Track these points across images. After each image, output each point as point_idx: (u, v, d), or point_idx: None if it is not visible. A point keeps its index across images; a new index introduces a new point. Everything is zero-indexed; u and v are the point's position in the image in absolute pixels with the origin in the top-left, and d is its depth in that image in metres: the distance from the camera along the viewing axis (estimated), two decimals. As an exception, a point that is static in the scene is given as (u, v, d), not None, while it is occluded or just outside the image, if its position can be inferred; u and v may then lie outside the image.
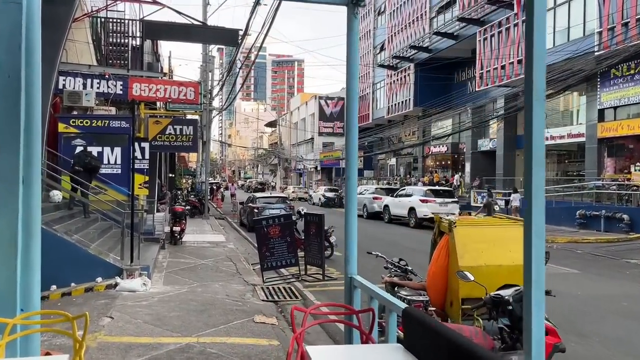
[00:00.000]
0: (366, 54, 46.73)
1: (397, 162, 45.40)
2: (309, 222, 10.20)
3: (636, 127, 21.36)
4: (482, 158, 33.21)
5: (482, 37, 28.03)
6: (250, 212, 18.52)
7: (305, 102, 56.74)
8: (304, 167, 56.29)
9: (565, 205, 20.22)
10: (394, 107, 39.82)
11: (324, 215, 9.93)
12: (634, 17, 18.38)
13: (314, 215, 10.10)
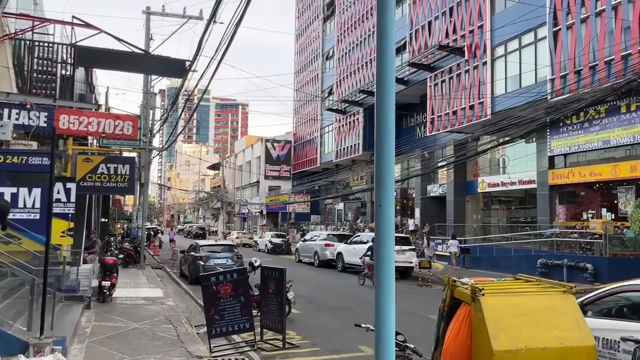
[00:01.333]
0: (314, 98, 46.32)
1: (345, 207, 44.47)
2: (266, 277, 8.67)
3: (587, 175, 21.37)
4: (431, 203, 32.80)
5: (432, 83, 27.97)
6: (193, 262, 16.65)
7: (250, 145, 55.38)
8: (248, 211, 54.35)
9: (525, 253, 19.61)
10: (343, 151, 39.17)
11: (285, 270, 8.43)
12: (587, 65, 18.50)
13: (273, 270, 8.58)
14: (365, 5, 36.83)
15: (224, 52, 8.63)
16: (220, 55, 9.21)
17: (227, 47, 8.53)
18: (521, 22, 21.37)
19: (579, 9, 18.84)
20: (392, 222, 2.45)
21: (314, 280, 18.24)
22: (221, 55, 9.12)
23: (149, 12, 26.28)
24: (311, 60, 47.60)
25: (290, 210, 46.80)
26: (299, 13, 51.87)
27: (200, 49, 9.76)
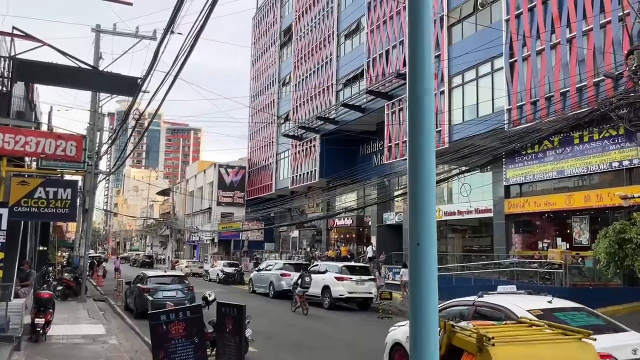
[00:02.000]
0: (269, 124, 45.76)
1: (300, 235, 43.65)
2: (224, 315, 7.80)
3: (542, 204, 21.57)
4: (387, 232, 32.52)
5: (390, 111, 27.97)
6: (139, 295, 15.40)
7: (203, 170, 53.95)
8: (199, 238, 52.56)
9: (484, 283, 19.34)
10: (299, 177, 38.58)
11: (245, 307, 7.60)
12: (542, 97, 18.78)
13: (231, 307, 7.73)
14: (322, 33, 36.89)
15: (183, 63, 7.89)
16: (176, 69, 8.46)
17: (186, 58, 7.81)
18: (478, 52, 21.66)
19: (535, 41, 19.21)
20: (435, 267, 1.81)
21: (270, 313, 17.29)
22: (178, 68, 8.38)
23: (99, 30, 25.12)
24: (267, 86, 47.18)
25: (244, 238, 45.53)
26: (255, 39, 51.61)
27: (156, 60, 8.98)
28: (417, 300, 1.79)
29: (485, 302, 7.63)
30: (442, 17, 24.47)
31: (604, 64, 16.58)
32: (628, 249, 10.18)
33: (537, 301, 7.58)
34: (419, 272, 1.78)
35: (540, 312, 6.71)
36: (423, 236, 1.77)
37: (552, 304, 7.24)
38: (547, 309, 6.97)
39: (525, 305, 7.05)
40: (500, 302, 7.46)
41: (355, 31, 33.13)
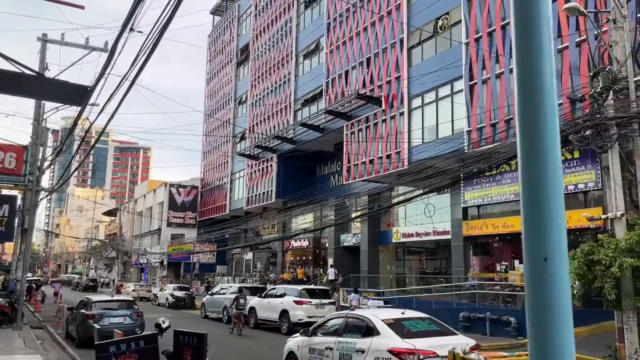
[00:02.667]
0: (224, 143, 44.81)
1: (254, 257, 42.55)
2: (182, 344, 6.98)
3: (500, 226, 21.67)
4: (345, 253, 32.06)
5: (349, 131, 27.75)
6: (83, 322, 14.15)
7: (153, 190, 52.09)
8: (147, 261, 50.43)
9: (446, 306, 19.10)
10: (255, 198, 37.71)
11: (206, 336, 6.83)
12: (502, 119, 18.96)
13: (191, 335, 6.93)
14: (280, 52, 36.61)
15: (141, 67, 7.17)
16: (133, 73, 7.73)
17: (145, 62, 7.10)
18: (438, 74, 21.79)
19: (494, 64, 19.47)
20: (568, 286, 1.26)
21: (225, 341, 16.29)
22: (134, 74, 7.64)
23: (46, 40, 23.80)
24: (222, 105, 46.35)
25: (195, 260, 43.96)
26: (211, 56, 50.84)
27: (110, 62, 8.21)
28: (546, 328, 1.24)
29: (354, 314, 9.82)
30: (401, 39, 24.61)
31: (562, 87, 16.88)
32: (597, 270, 10.04)
33: (392, 313, 9.99)
34: (548, 293, 1.24)
35: (392, 321, 8.71)
36: (552, 249, 1.22)
37: (404, 314, 9.36)
38: (397, 318, 8.99)
39: (381, 316, 9.02)
40: (363, 314, 9.55)
41: (314, 51, 33.00)
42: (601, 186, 17.99)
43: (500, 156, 17.78)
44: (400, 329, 8.47)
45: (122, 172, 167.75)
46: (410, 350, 7.69)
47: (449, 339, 8.21)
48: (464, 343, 7.92)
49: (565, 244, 1.31)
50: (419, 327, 8.78)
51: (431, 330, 8.76)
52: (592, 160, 18.35)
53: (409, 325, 8.69)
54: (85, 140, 24.62)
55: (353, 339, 8.81)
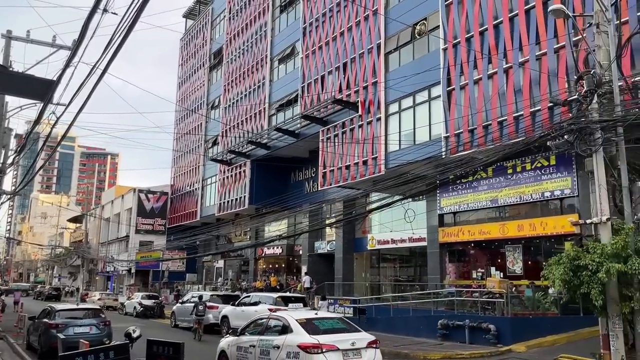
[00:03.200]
0: (196, 148, 43.94)
1: (225, 265, 41.67)
2: (155, 355, 6.42)
3: (477, 233, 21.59)
4: (319, 261, 31.63)
5: (325, 137, 27.41)
6: (45, 331, 13.31)
7: (121, 196, 50.65)
8: (114, 269, 48.90)
9: (423, 313, 18.81)
10: (227, 204, 36.95)
11: (182, 345, 6.28)
12: (480, 125, 18.90)
13: (166, 345, 6.37)
14: (255, 57, 36.12)
15: (119, 45, 6.61)
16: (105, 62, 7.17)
17: (123, 40, 6.56)
18: (415, 80, 21.68)
19: (472, 70, 19.43)
20: None
21: (196, 350, 15.60)
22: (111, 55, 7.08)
23: (10, 37, 22.75)
24: (194, 109, 45.49)
25: (164, 268, 42.79)
26: (183, 60, 49.95)
27: (79, 46, 7.61)
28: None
29: (274, 315, 10.87)
30: (378, 44, 24.46)
31: (540, 93, 16.91)
32: (584, 276, 9.84)
33: (307, 314, 11.07)
34: None
35: (305, 320, 10.00)
36: None
37: (316, 315, 10.84)
38: (310, 318, 10.27)
39: (296, 316, 10.26)
40: (281, 315, 10.69)
41: (289, 56, 32.63)
42: (577, 193, 18.09)
43: (478, 162, 17.68)
44: (311, 327, 9.75)
45: (89, 178, 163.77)
46: (315, 344, 9.09)
47: (350, 335, 9.74)
48: (363, 339, 9.70)
49: None
50: (327, 325, 10.11)
51: (337, 328, 10.09)
52: (568, 167, 18.43)
53: (318, 324, 10.01)
54: (50, 145, 23.58)
55: (272, 336, 10.06)
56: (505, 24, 18.49)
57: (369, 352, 9.53)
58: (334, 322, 10.45)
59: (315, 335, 9.35)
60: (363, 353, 9.41)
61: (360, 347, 9.47)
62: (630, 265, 9.41)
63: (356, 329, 10.34)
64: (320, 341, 9.14)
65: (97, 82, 8.65)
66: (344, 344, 9.26)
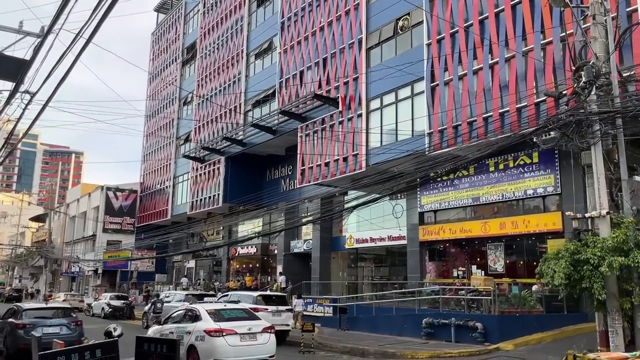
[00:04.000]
0: (167, 145, 42.75)
1: (197, 265, 40.63)
2: (146, 354, 5.76)
3: (458, 231, 21.41)
4: (295, 260, 31.04)
5: (303, 133, 26.86)
6: (11, 332, 12.36)
7: (87, 194, 48.87)
8: (79, 269, 47.14)
9: (407, 312, 18.45)
10: (200, 202, 35.97)
11: (178, 343, 5.65)
12: (465, 121, 18.68)
13: (158, 343, 5.72)
14: (230, 52, 35.31)
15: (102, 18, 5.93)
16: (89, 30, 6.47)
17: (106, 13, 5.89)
18: (398, 76, 21.37)
19: (457, 65, 19.21)
20: None
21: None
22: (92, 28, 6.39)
23: (-27, 21, 21.50)
24: (166, 105, 44.28)
25: (133, 268, 41.42)
26: (155, 55, 48.62)
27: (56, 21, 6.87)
28: None
29: (190, 307, 12.86)
30: (360, 39, 24.08)
31: (526, 88, 16.78)
32: (585, 270, 9.60)
33: (216, 305, 13.57)
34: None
35: (213, 311, 12.10)
36: None
37: (225, 307, 13.14)
38: (218, 309, 12.45)
39: (206, 307, 12.39)
40: (194, 307, 12.71)
41: (267, 51, 31.98)
42: (560, 191, 18.04)
43: (462, 159, 17.44)
44: (217, 316, 11.80)
45: (52, 177, 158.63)
46: (217, 329, 11.07)
47: (249, 322, 11.82)
48: (259, 325, 11.82)
49: None
50: (231, 314, 12.13)
51: (240, 317, 12.08)
52: (550, 165, 18.38)
53: (224, 313, 12.08)
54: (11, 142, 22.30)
55: (186, 324, 11.94)
56: (490, 19, 18.32)
57: (263, 336, 11.56)
58: (238, 312, 12.54)
59: (219, 322, 11.37)
60: (258, 336, 11.45)
61: (256, 331, 11.50)
62: (632, 258, 9.21)
63: (256, 318, 12.51)
64: (222, 327, 11.13)
65: (67, 71, 7.99)
66: (242, 329, 11.30)
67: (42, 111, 12.21)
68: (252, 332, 11.36)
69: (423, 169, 18.68)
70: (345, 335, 18.23)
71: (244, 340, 11.14)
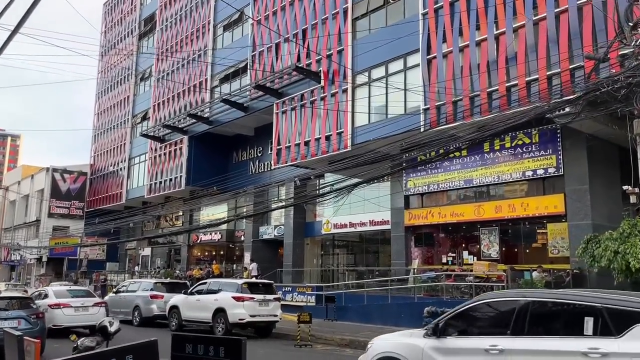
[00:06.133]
0: (122, 124, 39.65)
1: (152, 253, 38.01)
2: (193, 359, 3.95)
3: (448, 215, 20.28)
4: (263, 247, 29.27)
5: (280, 110, 24.95)
6: (-46, 328, 10.04)
7: (30, 176, 44.91)
8: (20, 257, 43.31)
9: (404, 300, 17.10)
10: (159, 185, 33.39)
11: (244, 343, 3.86)
12: (467, 96, 17.40)
13: (211, 344, 3.92)
14: (195, 23, 32.77)
15: None
16: None
17: None
18: (388, 48, 19.89)
19: (457, 37, 17.89)
20: None
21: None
22: None
23: None
24: (120, 81, 41.06)
25: (82, 256, 38.27)
26: (107, 27, 45.06)
27: None
28: None
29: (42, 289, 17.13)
30: (345, 9, 22.39)
31: (537, 58, 15.62)
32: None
33: (65, 287, 18.48)
34: None
35: (59, 290, 16.29)
36: None
37: (71, 287, 18.66)
38: (63, 290, 16.68)
39: (54, 288, 17.11)
40: (45, 288, 16.97)
41: (237, 22, 29.76)
42: (562, 172, 17.11)
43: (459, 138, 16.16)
44: (61, 294, 15.62)
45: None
46: (57, 303, 14.72)
47: (86, 299, 15.45)
48: (92, 300, 15.61)
49: None
50: (74, 293, 15.92)
51: (80, 295, 15.79)
52: (553, 145, 17.42)
53: (69, 292, 16.05)
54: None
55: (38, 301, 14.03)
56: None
57: (94, 309, 14.92)
58: (80, 292, 16.61)
59: (60, 299, 14.91)
60: (90, 309, 14.85)
61: (88, 305, 15.00)
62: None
63: (93, 296, 16.77)
64: (60, 302, 14.69)
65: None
66: (76, 303, 14.86)
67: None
68: (84, 305, 14.90)
69: (420, 148, 17.32)
70: (337, 327, 16.68)
71: (77, 311, 14.69)
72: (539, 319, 5.39)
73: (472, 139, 13.45)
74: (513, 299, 5.89)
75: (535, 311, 5.41)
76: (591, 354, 4.72)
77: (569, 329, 5.16)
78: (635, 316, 4.70)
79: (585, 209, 16.34)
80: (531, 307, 5.46)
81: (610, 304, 4.96)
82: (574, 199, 16.60)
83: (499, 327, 5.67)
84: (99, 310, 14.83)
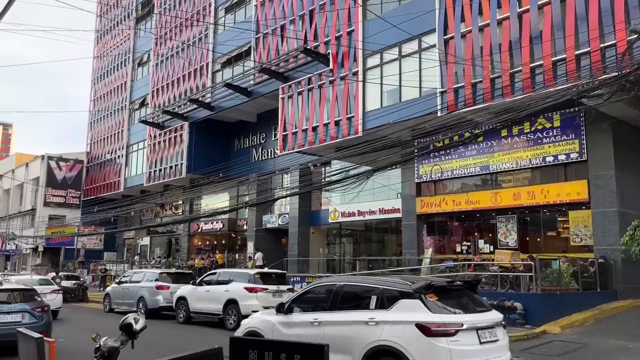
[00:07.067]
0: (119, 110, 38.63)
1: (151, 242, 37.21)
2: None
3: (463, 203, 19.60)
4: (267, 236, 28.55)
5: (286, 95, 24.08)
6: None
7: (25, 164, 43.83)
8: (16, 247, 42.37)
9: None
10: (159, 173, 32.49)
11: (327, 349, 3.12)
12: (487, 77, 16.63)
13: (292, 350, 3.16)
14: (195, 5, 31.73)
15: None
16: None
17: None
18: (402, 28, 19.02)
19: (477, 15, 17.08)
20: None
21: (158, 342, 12.02)
22: None
23: None
24: (117, 66, 39.95)
25: (80, 246, 37.40)
26: (103, 11, 43.82)
27: None
28: None
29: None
30: (355, -11, 21.47)
31: (562, 36, 14.85)
32: None
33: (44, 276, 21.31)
34: None
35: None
36: None
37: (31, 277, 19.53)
38: (52, 277, 21.81)
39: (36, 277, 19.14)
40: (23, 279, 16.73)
41: (239, 4, 28.77)
42: (586, 157, 16.43)
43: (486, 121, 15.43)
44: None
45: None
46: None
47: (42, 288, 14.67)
48: (49, 288, 16.39)
49: None
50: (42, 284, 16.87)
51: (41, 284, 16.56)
52: (575, 129, 16.73)
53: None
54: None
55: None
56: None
57: (52, 295, 15.88)
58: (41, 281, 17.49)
59: None
60: (48, 295, 14.89)
61: (46, 292, 15.17)
62: None
63: (51, 284, 17.81)
64: None
65: None
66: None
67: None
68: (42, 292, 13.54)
69: (439, 133, 16.54)
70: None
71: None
72: (344, 298, 7.28)
73: (503, 121, 12.63)
74: (331, 283, 7.90)
75: (342, 292, 7.33)
76: (369, 322, 6.66)
77: (362, 305, 7.00)
78: (398, 295, 6.63)
79: (611, 196, 15.70)
80: (341, 290, 7.40)
81: (386, 286, 6.94)
82: (599, 185, 15.95)
83: (322, 305, 7.52)
84: (56, 297, 16.24)
